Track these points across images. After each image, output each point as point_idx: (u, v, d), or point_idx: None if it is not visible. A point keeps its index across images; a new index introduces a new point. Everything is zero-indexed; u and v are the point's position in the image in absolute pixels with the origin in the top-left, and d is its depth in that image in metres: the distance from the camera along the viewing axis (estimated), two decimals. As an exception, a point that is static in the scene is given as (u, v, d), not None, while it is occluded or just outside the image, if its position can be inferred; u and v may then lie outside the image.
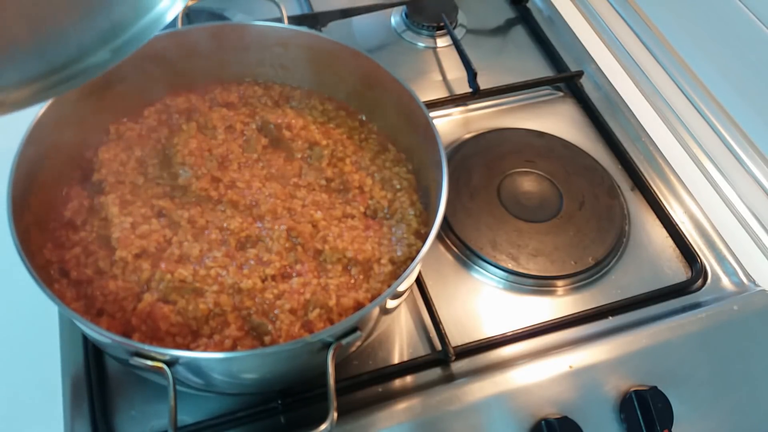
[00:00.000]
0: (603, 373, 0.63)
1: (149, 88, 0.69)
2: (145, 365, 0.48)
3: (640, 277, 0.73)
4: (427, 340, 0.66)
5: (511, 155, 0.82)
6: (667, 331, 0.67)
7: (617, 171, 0.83)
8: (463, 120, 0.88)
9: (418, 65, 0.94)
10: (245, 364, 0.51)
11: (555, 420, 0.59)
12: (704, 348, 0.67)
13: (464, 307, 0.69)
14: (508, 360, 0.65)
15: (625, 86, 0.94)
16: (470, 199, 0.76)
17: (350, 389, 0.62)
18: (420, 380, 0.63)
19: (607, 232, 0.75)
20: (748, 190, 0.82)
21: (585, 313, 0.69)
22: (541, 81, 0.91)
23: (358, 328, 0.51)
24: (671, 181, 0.82)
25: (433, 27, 0.97)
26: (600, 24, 1.03)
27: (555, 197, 0.78)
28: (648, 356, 0.65)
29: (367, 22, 0.97)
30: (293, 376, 0.58)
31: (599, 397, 0.62)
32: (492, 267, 0.71)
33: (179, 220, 0.61)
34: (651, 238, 0.77)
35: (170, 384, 0.48)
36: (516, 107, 0.90)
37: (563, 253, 0.73)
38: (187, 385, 0.54)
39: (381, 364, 0.64)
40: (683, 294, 0.72)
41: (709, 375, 0.65)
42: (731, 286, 0.73)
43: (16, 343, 0.63)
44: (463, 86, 0.89)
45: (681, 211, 0.80)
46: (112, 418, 0.59)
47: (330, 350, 0.50)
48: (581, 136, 0.87)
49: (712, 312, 0.69)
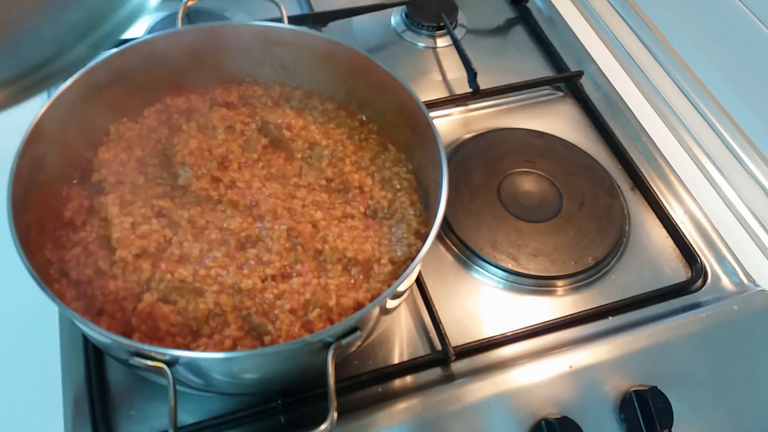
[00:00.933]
0: (603, 373, 0.63)
1: (149, 88, 0.69)
2: (145, 365, 0.48)
3: (640, 277, 0.73)
4: (427, 340, 0.66)
5: (511, 155, 0.82)
6: (667, 331, 0.67)
7: (617, 171, 0.83)
8: (463, 120, 0.88)
9: (418, 65, 0.94)
10: (245, 364, 0.51)
11: (555, 420, 0.59)
12: (704, 348, 0.67)
13: (464, 307, 0.69)
14: (508, 360, 0.65)
15: (625, 86, 0.94)
16: (470, 199, 0.76)
17: (350, 389, 0.62)
18: (420, 380, 0.63)
19: (607, 232, 0.75)
20: (748, 190, 0.82)
21: (585, 313, 0.69)
22: (541, 81, 0.91)
23: (358, 328, 0.51)
24: (671, 181, 0.82)
25: (433, 27, 0.97)
26: (600, 24, 1.03)
27: (555, 197, 0.78)
28: (648, 356, 0.65)
29: (367, 22, 0.97)
30: (293, 376, 0.58)
31: (599, 397, 0.62)
32: (492, 267, 0.71)
33: (179, 220, 0.61)
34: (651, 238, 0.77)
35: (170, 384, 0.48)
36: (516, 107, 0.90)
37: (563, 253, 0.73)
38: (187, 385, 0.54)
39: (381, 364, 0.64)
40: (683, 294, 0.72)
41: (709, 375, 0.65)
42: (731, 286, 0.73)
43: (16, 343, 0.63)
44: (463, 86, 0.89)
45: (681, 211, 0.80)
46: (112, 418, 0.59)
47: (330, 350, 0.50)
48: (581, 136, 0.87)
49: (712, 312, 0.69)
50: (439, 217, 0.55)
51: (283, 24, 0.71)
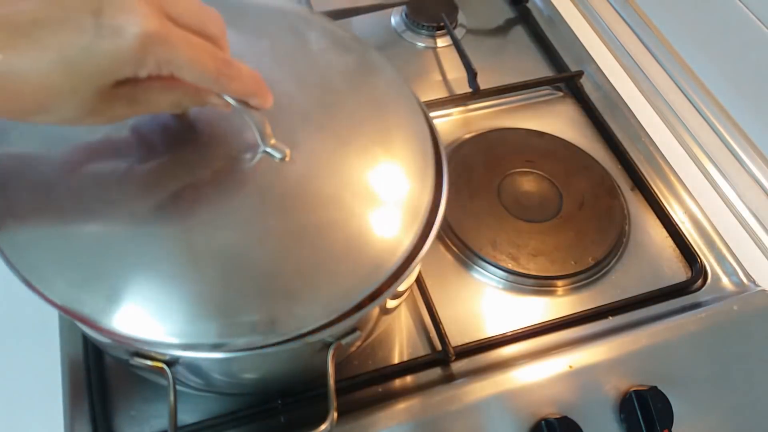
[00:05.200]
0: (603, 373, 0.63)
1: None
2: (145, 365, 0.47)
3: (640, 277, 0.73)
4: (427, 340, 0.66)
5: (511, 155, 0.82)
6: (666, 331, 0.67)
7: (617, 171, 0.83)
8: (463, 120, 0.88)
9: (418, 65, 0.94)
10: (245, 363, 0.51)
11: (555, 420, 0.59)
12: (704, 348, 0.66)
13: (464, 306, 0.69)
14: (508, 360, 0.65)
15: (626, 86, 0.94)
16: (470, 199, 0.76)
17: (350, 389, 0.62)
18: (420, 380, 0.63)
19: (607, 232, 0.75)
20: (748, 190, 0.82)
21: (585, 313, 0.69)
22: (541, 81, 0.91)
23: (358, 328, 0.51)
24: (671, 181, 0.82)
25: (433, 27, 0.97)
26: (600, 24, 1.03)
27: (555, 197, 0.78)
28: (648, 356, 0.65)
29: (366, 22, 0.97)
30: (293, 376, 0.57)
31: (599, 397, 0.62)
32: (492, 267, 0.71)
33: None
34: (651, 238, 0.77)
35: (170, 384, 0.48)
36: (516, 107, 0.90)
37: (563, 253, 0.73)
38: (187, 384, 0.54)
39: (381, 364, 0.64)
40: (683, 294, 0.72)
41: (710, 375, 0.65)
42: (731, 286, 0.73)
43: (15, 342, 0.63)
44: (463, 86, 0.89)
45: (681, 211, 0.80)
46: (112, 418, 0.59)
47: (330, 350, 0.49)
48: (581, 136, 0.87)
49: (712, 312, 0.69)
50: (439, 217, 0.55)
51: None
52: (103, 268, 0.43)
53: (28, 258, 0.43)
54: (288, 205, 0.48)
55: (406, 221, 0.50)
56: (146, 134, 0.49)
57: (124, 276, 0.43)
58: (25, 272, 0.43)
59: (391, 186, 0.52)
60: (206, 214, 0.46)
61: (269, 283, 0.45)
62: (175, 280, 0.44)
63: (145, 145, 0.49)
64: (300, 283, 0.45)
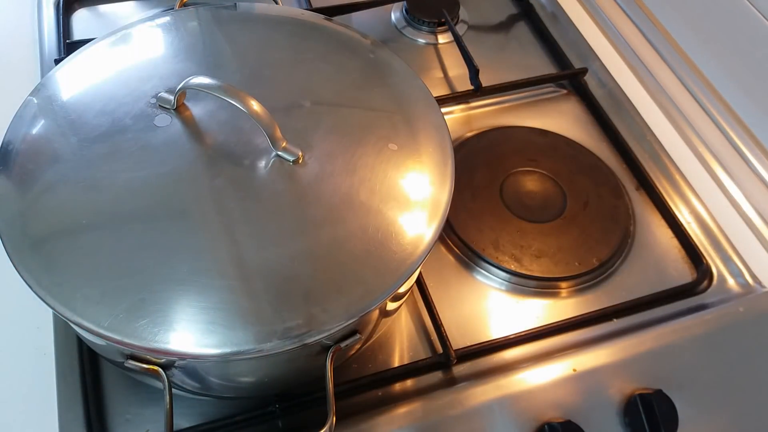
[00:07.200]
0: (607, 376, 0.62)
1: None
2: (140, 368, 0.47)
3: (645, 279, 0.72)
4: (428, 343, 0.65)
5: (514, 154, 0.81)
6: (672, 334, 0.66)
7: (622, 170, 0.82)
8: (465, 118, 0.87)
9: (419, 62, 0.93)
10: (242, 366, 0.51)
11: (558, 424, 0.58)
12: (710, 350, 0.66)
13: (466, 309, 0.68)
14: (510, 363, 0.64)
15: (630, 84, 0.93)
16: (472, 199, 0.75)
17: (349, 393, 0.61)
18: (421, 384, 0.62)
19: (611, 232, 0.74)
20: (754, 191, 0.81)
21: (589, 315, 0.68)
22: (545, 78, 0.90)
23: (357, 330, 0.50)
24: (677, 181, 0.81)
25: (434, 23, 0.96)
26: (604, 21, 1.02)
27: (558, 197, 0.77)
28: (652, 359, 0.64)
29: (367, 17, 0.96)
30: (291, 379, 0.57)
31: (603, 401, 0.61)
32: (494, 268, 0.70)
33: None
34: (656, 239, 0.76)
35: (166, 387, 0.47)
36: (519, 105, 0.89)
37: (567, 254, 0.72)
38: (183, 388, 0.54)
39: (381, 368, 0.63)
40: (689, 295, 0.71)
41: (715, 378, 0.64)
42: (737, 288, 0.72)
43: (9, 345, 0.62)
44: (465, 83, 0.88)
45: (687, 211, 0.79)
46: (107, 422, 0.58)
47: (328, 353, 0.49)
48: (585, 135, 0.86)
49: (717, 314, 0.68)
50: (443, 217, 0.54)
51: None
52: (122, 281, 0.46)
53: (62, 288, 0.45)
54: (302, 205, 0.49)
55: (425, 218, 0.51)
56: (156, 145, 0.50)
57: (148, 288, 0.45)
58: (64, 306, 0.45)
59: (410, 183, 0.53)
60: (221, 222, 0.47)
61: (292, 288, 0.46)
62: (189, 287, 0.45)
63: (154, 155, 0.50)
64: (322, 287, 0.46)
